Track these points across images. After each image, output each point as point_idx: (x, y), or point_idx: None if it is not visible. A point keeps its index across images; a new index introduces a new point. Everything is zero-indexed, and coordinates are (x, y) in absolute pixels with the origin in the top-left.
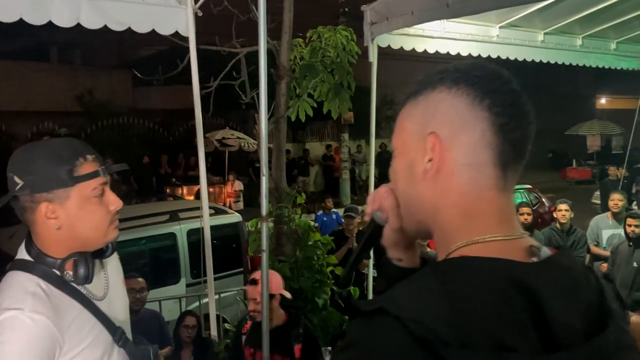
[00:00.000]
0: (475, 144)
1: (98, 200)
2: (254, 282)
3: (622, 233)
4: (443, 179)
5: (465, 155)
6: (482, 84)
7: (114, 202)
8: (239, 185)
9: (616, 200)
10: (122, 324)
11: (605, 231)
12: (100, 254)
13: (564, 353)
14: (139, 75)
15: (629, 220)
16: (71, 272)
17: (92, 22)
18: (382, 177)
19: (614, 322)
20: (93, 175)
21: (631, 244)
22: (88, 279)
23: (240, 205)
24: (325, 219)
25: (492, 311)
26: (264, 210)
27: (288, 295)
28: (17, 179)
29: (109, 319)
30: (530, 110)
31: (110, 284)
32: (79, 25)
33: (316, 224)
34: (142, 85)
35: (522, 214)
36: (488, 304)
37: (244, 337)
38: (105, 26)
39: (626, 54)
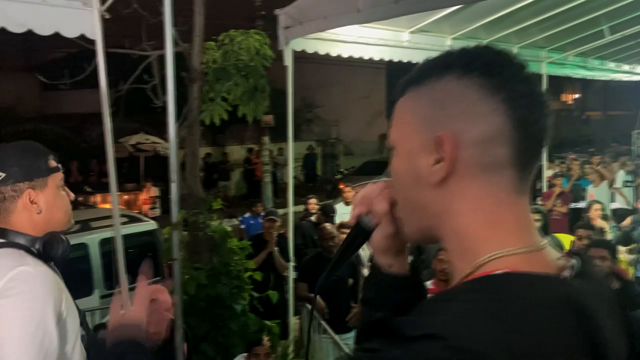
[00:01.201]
0: (492, 141)
1: (63, 190)
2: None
3: None
4: (456, 181)
5: (481, 154)
6: (497, 71)
7: (70, 193)
8: (154, 192)
9: None
10: None
11: None
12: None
13: None
14: (43, 80)
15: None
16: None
17: None
18: (309, 179)
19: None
20: (60, 168)
21: None
22: (66, 253)
23: (157, 212)
24: (252, 221)
25: (556, 335)
26: (174, 217)
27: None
28: None
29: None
30: (547, 101)
31: None
32: None
33: (242, 226)
34: (51, 90)
35: None
36: (551, 326)
37: None
38: (4, 28)
39: (527, 58)
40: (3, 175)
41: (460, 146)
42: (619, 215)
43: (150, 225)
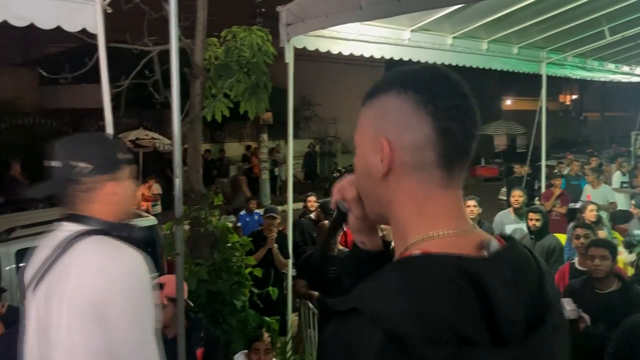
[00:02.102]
0: (420, 146)
1: (133, 181)
2: (159, 286)
3: (524, 227)
4: (394, 178)
5: (412, 157)
6: (428, 88)
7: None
8: (157, 189)
9: (516, 196)
10: None
11: (508, 226)
12: None
13: (512, 347)
14: (44, 73)
15: (531, 215)
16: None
17: None
18: (309, 176)
19: (552, 308)
20: (133, 159)
21: (533, 236)
22: (144, 238)
23: (158, 208)
24: (247, 219)
25: (452, 306)
26: (178, 212)
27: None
28: (82, 164)
29: None
30: (475, 112)
31: None
32: None
33: (239, 224)
34: (50, 84)
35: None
36: (448, 298)
37: None
38: (6, 21)
39: (527, 59)
40: (90, 167)
41: (395, 150)
42: (616, 217)
43: (150, 220)
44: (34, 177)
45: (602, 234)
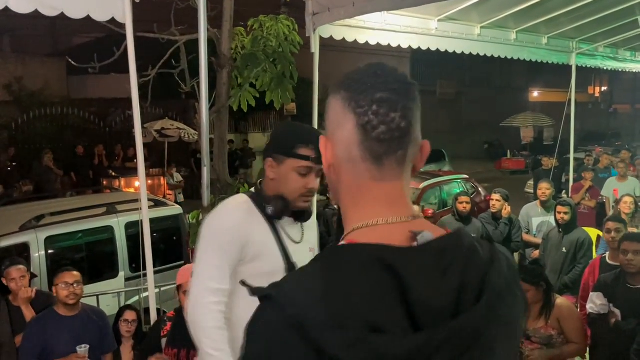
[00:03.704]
0: (347, 142)
1: (299, 176)
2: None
3: (551, 220)
4: (335, 171)
5: (343, 152)
6: (354, 87)
7: (309, 183)
8: (178, 177)
9: (544, 189)
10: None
11: (535, 219)
12: (299, 217)
13: (422, 333)
14: (73, 63)
15: (559, 208)
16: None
17: (22, 7)
18: None
19: (487, 297)
20: (301, 157)
21: (561, 230)
22: (274, 212)
23: (181, 197)
24: None
25: (363, 294)
26: (206, 201)
27: None
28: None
29: (287, 250)
30: (399, 107)
31: (304, 240)
32: (7, 9)
33: None
34: (77, 74)
35: (460, 203)
36: (360, 286)
37: (163, 340)
38: (37, 11)
39: (557, 49)
40: (269, 144)
41: (332, 145)
42: None
43: (176, 209)
44: (62, 165)
45: (632, 229)
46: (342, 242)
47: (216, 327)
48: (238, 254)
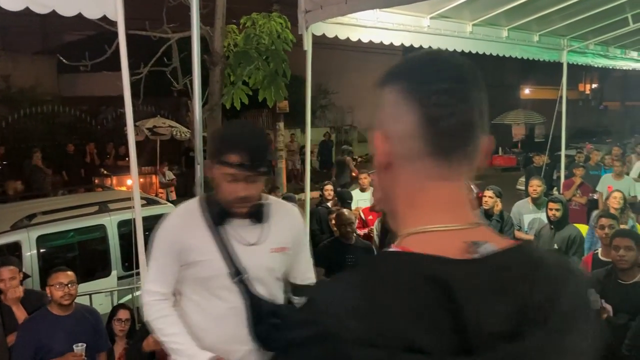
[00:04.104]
0: (410, 136)
1: (228, 183)
2: None
3: (542, 217)
4: (391, 170)
5: (403, 148)
6: (416, 76)
7: (237, 191)
8: (170, 175)
9: (535, 186)
10: (257, 271)
11: (527, 216)
12: (256, 217)
13: (470, 358)
14: (65, 61)
15: (550, 205)
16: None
17: (12, 4)
18: (324, 165)
19: (553, 322)
20: (227, 164)
21: (552, 227)
22: (212, 218)
23: (172, 195)
24: None
25: (406, 310)
26: None
27: None
28: None
29: (233, 255)
30: (469, 96)
31: (264, 242)
32: None
33: None
34: (67, 72)
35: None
36: (402, 301)
37: None
38: (27, 8)
39: (548, 47)
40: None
41: (390, 141)
42: (638, 207)
43: (168, 207)
44: (53, 164)
45: (623, 226)
46: (392, 248)
47: (159, 316)
48: (176, 260)
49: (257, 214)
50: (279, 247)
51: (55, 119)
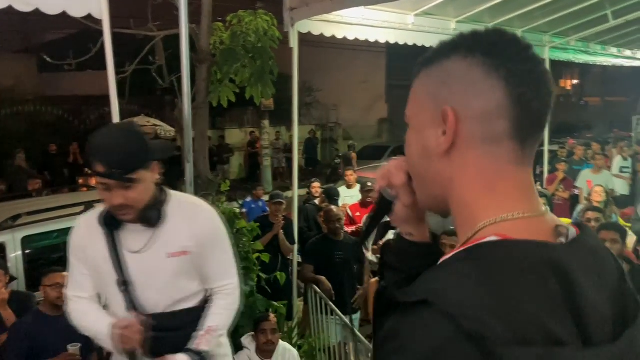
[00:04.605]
0: (491, 115)
1: (103, 192)
2: None
3: None
4: (459, 152)
5: (482, 128)
6: (498, 51)
7: (109, 200)
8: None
9: None
10: (148, 278)
11: None
12: (148, 222)
13: (604, 347)
14: (49, 60)
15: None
16: None
17: None
18: (309, 163)
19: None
20: (95, 173)
21: None
22: (106, 226)
23: None
24: (253, 205)
25: (538, 300)
26: None
27: None
28: None
29: (121, 263)
30: (550, 79)
31: (154, 248)
32: None
33: (244, 210)
34: (49, 71)
35: None
36: (534, 292)
37: None
38: (11, 7)
39: (531, 43)
40: None
41: (462, 120)
42: (619, 201)
43: None
44: (37, 164)
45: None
46: (492, 237)
47: (78, 315)
48: (85, 265)
49: (147, 218)
50: (177, 250)
51: (37, 118)
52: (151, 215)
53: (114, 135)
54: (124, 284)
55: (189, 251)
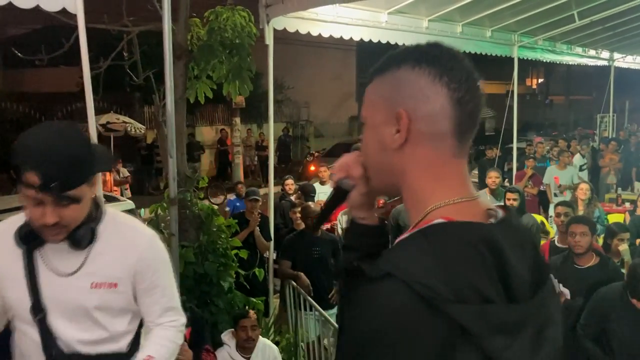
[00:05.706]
0: (437, 116)
1: (31, 207)
2: None
3: None
4: (411, 147)
5: (429, 127)
6: (441, 62)
7: (37, 217)
8: (124, 173)
9: (493, 177)
10: (65, 309)
11: None
12: (77, 243)
13: (522, 304)
14: (19, 54)
15: (508, 195)
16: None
17: None
18: (282, 160)
19: (548, 274)
20: (23, 184)
21: None
22: (23, 242)
23: (127, 193)
24: (238, 204)
25: (476, 269)
26: (172, 193)
27: None
28: None
29: (38, 286)
30: (480, 84)
31: (77, 274)
32: None
33: (227, 209)
34: (12, 68)
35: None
36: (472, 263)
37: None
38: None
39: (500, 42)
40: None
41: (413, 120)
42: None
43: (128, 204)
44: (1, 162)
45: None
46: (439, 219)
47: None
48: None
49: (76, 239)
50: (104, 282)
51: (1, 115)
52: (82, 235)
53: (53, 139)
54: (41, 311)
55: (118, 283)
